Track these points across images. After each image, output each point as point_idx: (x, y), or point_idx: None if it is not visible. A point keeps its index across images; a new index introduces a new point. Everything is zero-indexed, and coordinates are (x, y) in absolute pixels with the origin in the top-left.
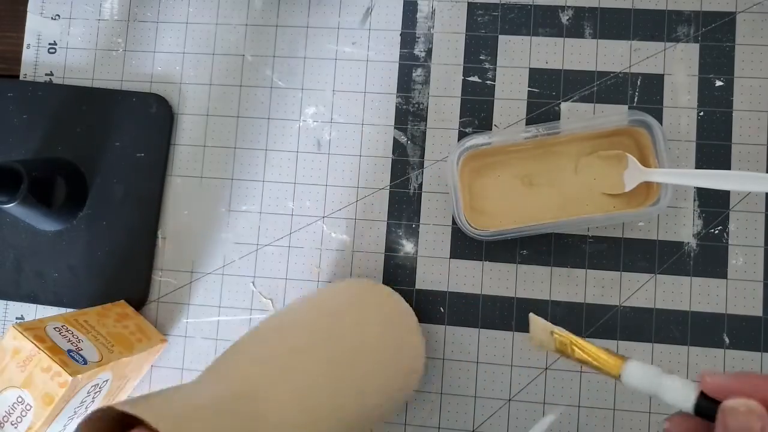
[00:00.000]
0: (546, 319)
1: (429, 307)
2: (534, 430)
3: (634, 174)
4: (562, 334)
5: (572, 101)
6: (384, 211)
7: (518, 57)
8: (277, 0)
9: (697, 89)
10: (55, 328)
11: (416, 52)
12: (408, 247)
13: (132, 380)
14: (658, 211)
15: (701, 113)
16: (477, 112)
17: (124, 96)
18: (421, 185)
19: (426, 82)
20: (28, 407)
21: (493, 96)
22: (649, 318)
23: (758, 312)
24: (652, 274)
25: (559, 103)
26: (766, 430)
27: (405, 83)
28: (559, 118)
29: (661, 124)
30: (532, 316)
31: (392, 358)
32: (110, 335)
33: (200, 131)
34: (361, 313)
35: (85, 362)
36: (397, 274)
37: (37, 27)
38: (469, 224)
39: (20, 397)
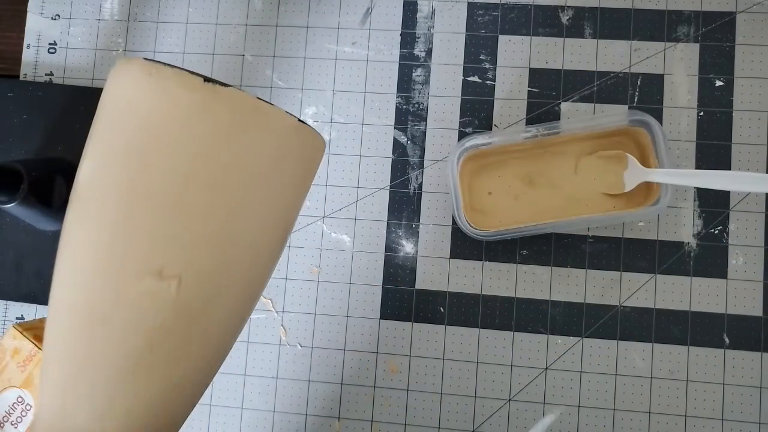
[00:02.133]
0: (546, 319)
1: (429, 307)
2: (534, 430)
3: (634, 174)
4: None
5: (572, 101)
6: (384, 211)
7: (518, 57)
8: (277, 0)
9: (697, 89)
10: None
11: (416, 52)
12: (408, 247)
13: None
14: (658, 211)
15: (701, 113)
16: (477, 112)
17: None
18: (421, 185)
19: (426, 82)
20: (28, 407)
21: (493, 96)
22: (649, 318)
23: (758, 312)
24: (652, 274)
25: (559, 103)
26: None
27: (405, 83)
28: (559, 118)
29: (661, 124)
30: None
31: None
32: None
33: None
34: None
35: None
36: (397, 274)
37: (37, 27)
38: (469, 224)
39: (20, 397)
